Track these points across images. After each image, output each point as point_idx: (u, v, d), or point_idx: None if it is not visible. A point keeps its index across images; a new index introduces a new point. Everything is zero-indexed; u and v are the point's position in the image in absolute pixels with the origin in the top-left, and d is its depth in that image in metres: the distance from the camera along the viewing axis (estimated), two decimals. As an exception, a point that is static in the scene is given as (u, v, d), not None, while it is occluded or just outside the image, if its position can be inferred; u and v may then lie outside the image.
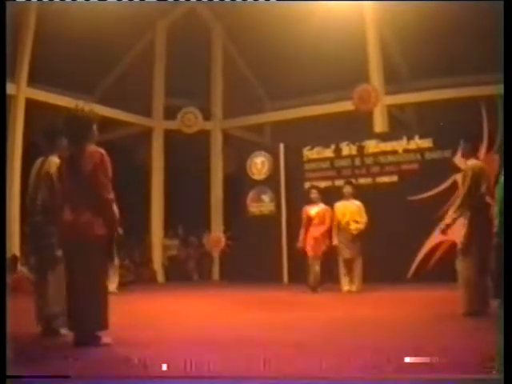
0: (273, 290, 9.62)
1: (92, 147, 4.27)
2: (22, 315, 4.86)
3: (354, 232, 8.79)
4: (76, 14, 10.88)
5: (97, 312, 4.13)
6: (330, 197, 9.51)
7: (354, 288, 8.68)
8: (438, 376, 3.08)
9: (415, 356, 3.63)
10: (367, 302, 7.44)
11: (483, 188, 5.33)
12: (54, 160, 4.69)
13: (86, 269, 4.13)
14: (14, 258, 10.18)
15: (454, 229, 5.59)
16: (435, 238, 9.92)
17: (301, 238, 9.25)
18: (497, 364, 2.98)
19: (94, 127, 4.39)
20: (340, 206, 9.07)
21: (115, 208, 4.25)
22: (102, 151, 4.25)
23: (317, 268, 9.02)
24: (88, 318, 4.10)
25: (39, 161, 4.90)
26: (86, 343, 4.03)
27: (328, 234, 9.08)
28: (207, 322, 5.87)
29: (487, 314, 5.21)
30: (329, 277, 9.16)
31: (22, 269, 10.24)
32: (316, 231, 9.13)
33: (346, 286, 8.81)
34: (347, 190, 9.14)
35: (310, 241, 9.12)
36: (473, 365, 3.24)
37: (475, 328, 4.77)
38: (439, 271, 9.63)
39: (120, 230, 4.42)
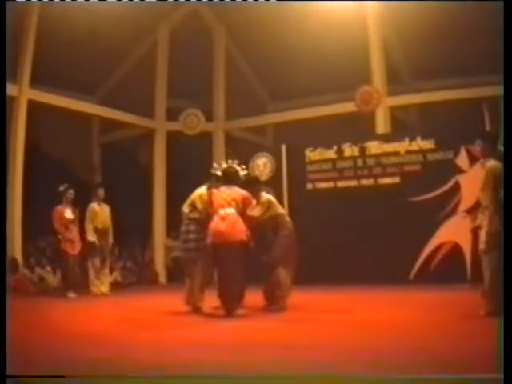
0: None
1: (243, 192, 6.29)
2: (23, 316, 4.87)
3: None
4: (78, 14, 10.90)
5: (239, 292, 5.94)
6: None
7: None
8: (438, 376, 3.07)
9: (416, 357, 3.63)
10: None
11: (502, 191, 5.12)
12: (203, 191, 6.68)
13: (233, 262, 5.91)
14: (16, 259, 10.18)
15: (455, 230, 5.57)
16: (437, 239, 9.91)
17: None
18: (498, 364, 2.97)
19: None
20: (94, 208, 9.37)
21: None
22: (249, 195, 6.24)
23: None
24: (231, 296, 5.90)
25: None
26: (231, 314, 5.79)
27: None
28: (207, 322, 5.86)
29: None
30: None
31: (23, 271, 10.26)
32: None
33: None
34: (100, 193, 9.45)
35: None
36: (474, 365, 3.24)
37: (477, 328, 4.77)
38: (441, 273, 9.63)
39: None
